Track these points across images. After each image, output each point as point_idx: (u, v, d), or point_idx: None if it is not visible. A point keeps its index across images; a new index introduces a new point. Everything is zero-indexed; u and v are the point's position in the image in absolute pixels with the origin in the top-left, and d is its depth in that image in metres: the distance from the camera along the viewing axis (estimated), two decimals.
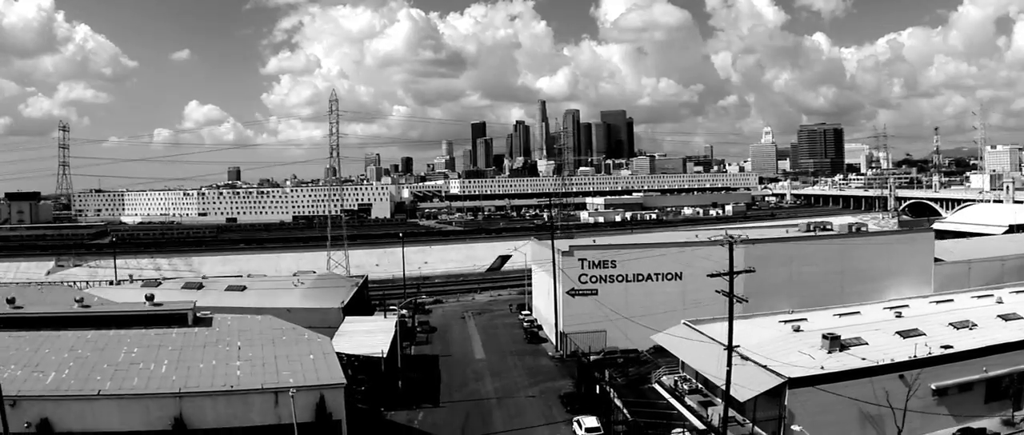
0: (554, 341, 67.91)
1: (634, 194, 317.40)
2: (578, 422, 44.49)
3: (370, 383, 53.19)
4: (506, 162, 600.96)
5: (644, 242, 72.15)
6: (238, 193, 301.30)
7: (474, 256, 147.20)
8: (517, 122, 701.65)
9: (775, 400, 40.11)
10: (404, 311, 79.64)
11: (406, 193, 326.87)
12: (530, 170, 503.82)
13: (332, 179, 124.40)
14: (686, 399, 47.22)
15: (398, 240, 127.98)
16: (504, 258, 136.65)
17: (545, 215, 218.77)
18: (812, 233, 73.39)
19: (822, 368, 41.37)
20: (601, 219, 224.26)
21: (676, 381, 50.47)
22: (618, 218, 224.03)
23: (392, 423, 49.12)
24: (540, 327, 74.59)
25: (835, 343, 45.38)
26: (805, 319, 52.12)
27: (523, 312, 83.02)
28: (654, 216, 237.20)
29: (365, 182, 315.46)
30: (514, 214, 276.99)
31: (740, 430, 39.91)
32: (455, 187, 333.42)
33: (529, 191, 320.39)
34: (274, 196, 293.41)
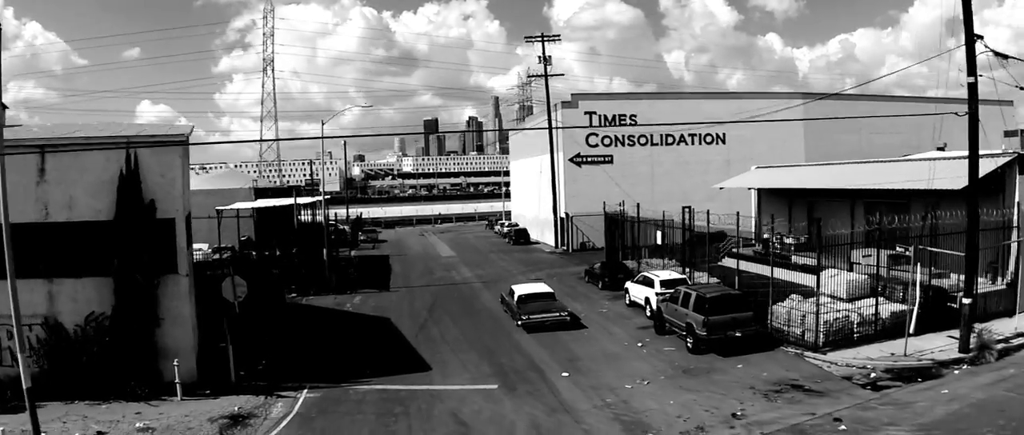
0: (552, 240, 49.26)
1: None
2: (647, 279, 26.66)
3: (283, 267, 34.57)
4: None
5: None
6: None
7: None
8: (470, 118, 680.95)
9: (990, 201, 22.85)
10: (344, 226, 60.41)
11: (357, 171, 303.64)
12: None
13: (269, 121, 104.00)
14: (794, 258, 29.47)
15: (345, 202, 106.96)
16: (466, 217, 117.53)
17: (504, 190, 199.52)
18: (883, 95, 57.21)
19: None
20: None
21: (770, 238, 32.60)
22: None
23: (306, 307, 30.38)
24: (525, 230, 55.85)
25: None
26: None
27: (500, 221, 64.63)
28: None
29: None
30: (471, 189, 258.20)
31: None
32: (408, 165, 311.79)
33: (486, 168, 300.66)
34: (214, 173, 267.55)
